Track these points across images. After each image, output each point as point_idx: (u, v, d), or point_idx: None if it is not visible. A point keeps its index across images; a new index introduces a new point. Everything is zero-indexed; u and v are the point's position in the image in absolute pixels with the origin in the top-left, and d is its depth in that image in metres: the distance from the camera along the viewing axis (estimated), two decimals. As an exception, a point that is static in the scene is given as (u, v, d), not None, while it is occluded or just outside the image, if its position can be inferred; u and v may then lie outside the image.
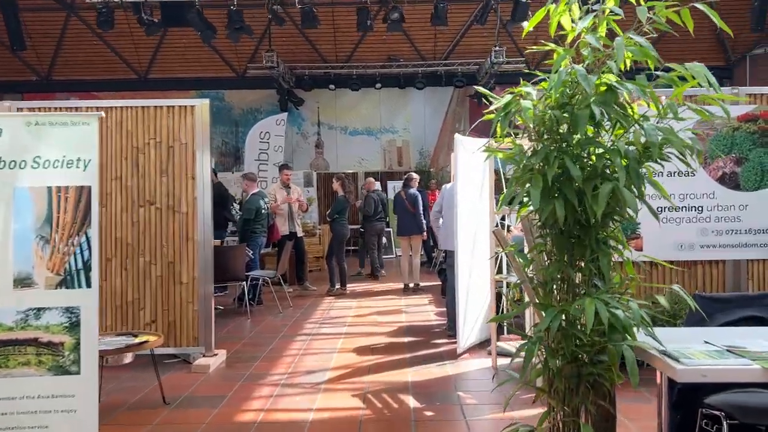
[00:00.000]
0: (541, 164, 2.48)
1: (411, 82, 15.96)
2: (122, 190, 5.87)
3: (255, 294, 8.85)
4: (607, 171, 2.52)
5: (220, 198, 9.74)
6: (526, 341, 2.52)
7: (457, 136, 5.98)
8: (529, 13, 11.88)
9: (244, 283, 8.27)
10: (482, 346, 6.26)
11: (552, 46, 2.74)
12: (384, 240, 14.77)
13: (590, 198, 2.38)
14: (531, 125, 2.57)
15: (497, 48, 13.97)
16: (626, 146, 2.43)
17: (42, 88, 16.39)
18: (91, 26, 14.84)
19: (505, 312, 6.26)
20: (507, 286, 6.37)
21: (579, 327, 2.44)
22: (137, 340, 4.67)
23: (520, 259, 2.62)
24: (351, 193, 9.81)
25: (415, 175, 10.23)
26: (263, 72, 15.57)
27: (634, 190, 2.43)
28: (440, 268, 7.10)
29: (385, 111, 16.74)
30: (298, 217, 10.27)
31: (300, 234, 10.22)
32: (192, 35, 14.40)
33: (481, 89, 3.21)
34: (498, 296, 6.47)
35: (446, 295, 6.88)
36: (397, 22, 11.76)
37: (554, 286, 2.59)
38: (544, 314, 2.44)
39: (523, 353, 2.47)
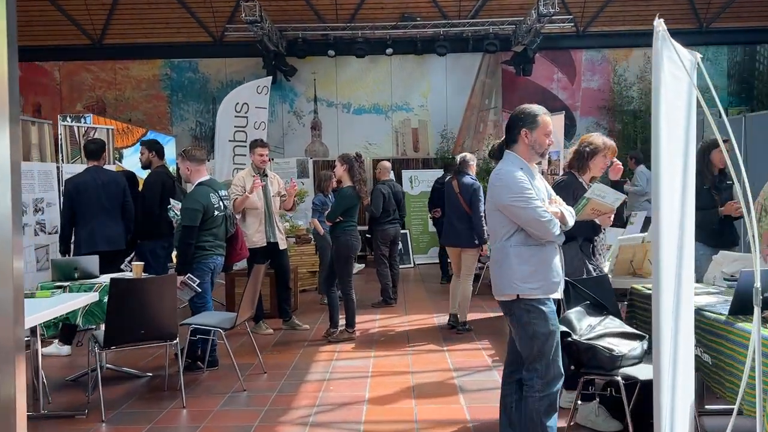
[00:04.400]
0: None
1: (430, 47, 12.16)
2: None
3: (206, 350, 5.08)
4: None
5: (157, 191, 5.96)
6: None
7: (661, 32, 2.21)
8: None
9: (189, 338, 4.52)
10: None
11: None
12: (399, 245, 11.01)
13: None
14: None
15: (546, -4, 10.17)
16: None
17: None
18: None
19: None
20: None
21: None
22: None
23: None
24: (363, 183, 5.99)
25: (470, 157, 6.48)
26: (245, 35, 11.79)
27: None
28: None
29: (397, 83, 12.91)
30: (279, 219, 6.50)
31: (283, 246, 6.44)
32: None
33: None
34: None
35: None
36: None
37: None
38: None
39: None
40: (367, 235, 8.22)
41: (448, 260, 9.61)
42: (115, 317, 4.03)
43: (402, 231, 11.16)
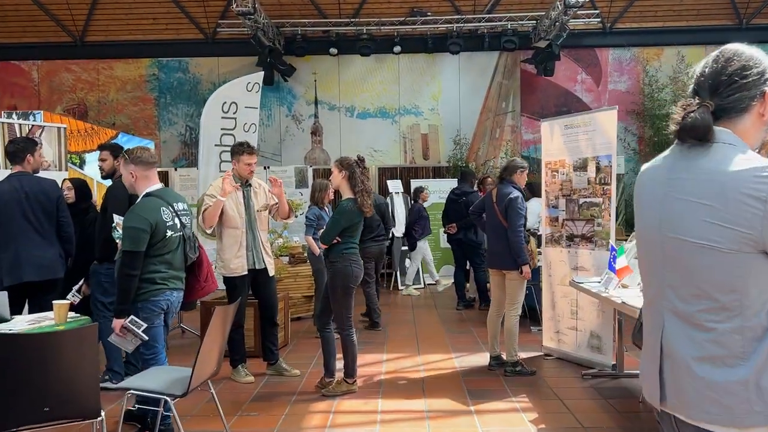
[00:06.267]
0: None
1: (442, 45, 10.92)
2: None
3: (157, 414, 3.74)
4: None
5: (123, 204, 4.59)
6: None
7: None
8: None
9: (127, 408, 3.19)
10: None
11: None
12: (400, 263, 9.74)
13: None
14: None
15: (574, -15, 8.90)
16: None
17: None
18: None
19: None
20: None
21: None
22: None
23: None
24: (366, 194, 4.65)
25: (519, 162, 5.27)
26: (240, 32, 10.57)
27: None
28: None
29: (406, 85, 11.63)
30: (267, 236, 5.18)
31: (273, 272, 5.12)
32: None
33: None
34: None
35: None
36: None
37: None
38: None
39: None
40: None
41: (467, 282, 8.30)
42: (1, 390, 2.72)
43: (403, 248, 9.81)
